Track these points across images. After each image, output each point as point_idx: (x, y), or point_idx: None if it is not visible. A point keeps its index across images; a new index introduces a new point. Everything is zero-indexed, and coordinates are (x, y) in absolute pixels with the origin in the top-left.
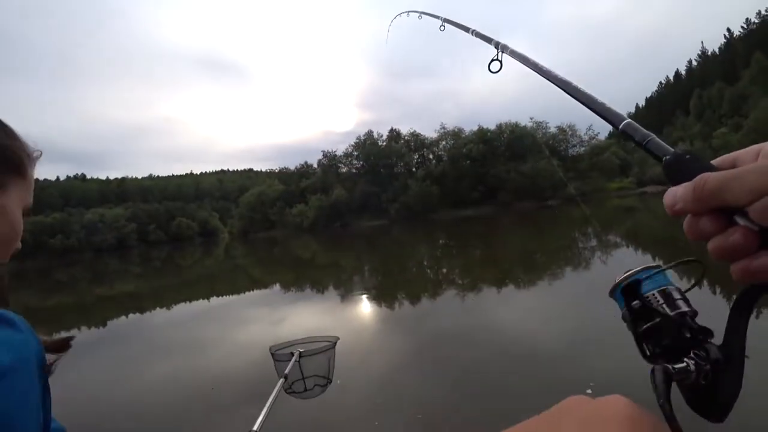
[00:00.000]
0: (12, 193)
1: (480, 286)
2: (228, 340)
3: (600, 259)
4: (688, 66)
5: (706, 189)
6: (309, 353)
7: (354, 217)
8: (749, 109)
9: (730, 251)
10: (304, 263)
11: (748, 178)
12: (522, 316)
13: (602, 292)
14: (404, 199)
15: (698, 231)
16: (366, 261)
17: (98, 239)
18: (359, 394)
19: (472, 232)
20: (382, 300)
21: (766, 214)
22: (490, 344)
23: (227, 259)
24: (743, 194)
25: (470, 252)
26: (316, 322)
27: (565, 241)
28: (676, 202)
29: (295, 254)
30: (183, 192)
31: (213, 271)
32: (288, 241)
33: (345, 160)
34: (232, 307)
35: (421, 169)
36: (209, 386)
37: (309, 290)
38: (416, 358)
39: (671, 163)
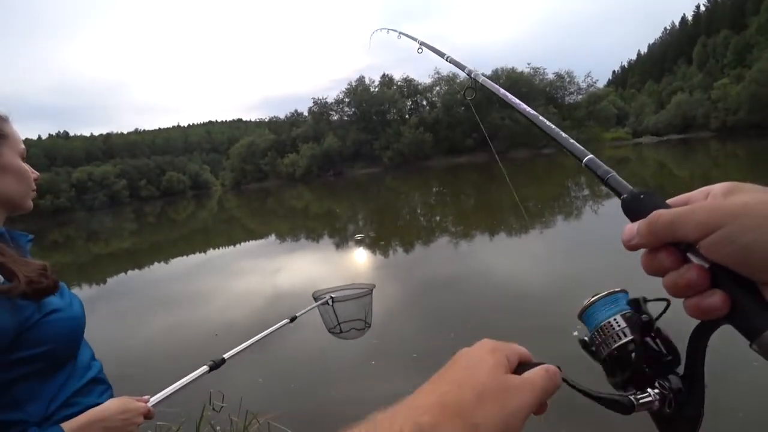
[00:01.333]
0: (5, 153)
1: (472, 233)
2: (227, 291)
3: (591, 209)
4: (695, 11)
5: (659, 224)
6: (342, 299)
7: (347, 165)
8: (753, 60)
9: (684, 288)
10: (298, 213)
11: (697, 214)
12: (513, 262)
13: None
14: (397, 146)
15: (654, 266)
16: (360, 209)
17: (89, 198)
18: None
19: (466, 179)
20: (376, 248)
21: (716, 248)
22: (482, 290)
23: (221, 211)
24: (693, 230)
25: (464, 200)
26: (312, 271)
27: (559, 190)
28: (633, 237)
29: (289, 204)
30: (171, 145)
31: (208, 224)
32: (281, 192)
33: (336, 108)
34: (229, 259)
35: (414, 115)
36: (212, 333)
37: (304, 240)
38: (410, 303)
39: (629, 201)
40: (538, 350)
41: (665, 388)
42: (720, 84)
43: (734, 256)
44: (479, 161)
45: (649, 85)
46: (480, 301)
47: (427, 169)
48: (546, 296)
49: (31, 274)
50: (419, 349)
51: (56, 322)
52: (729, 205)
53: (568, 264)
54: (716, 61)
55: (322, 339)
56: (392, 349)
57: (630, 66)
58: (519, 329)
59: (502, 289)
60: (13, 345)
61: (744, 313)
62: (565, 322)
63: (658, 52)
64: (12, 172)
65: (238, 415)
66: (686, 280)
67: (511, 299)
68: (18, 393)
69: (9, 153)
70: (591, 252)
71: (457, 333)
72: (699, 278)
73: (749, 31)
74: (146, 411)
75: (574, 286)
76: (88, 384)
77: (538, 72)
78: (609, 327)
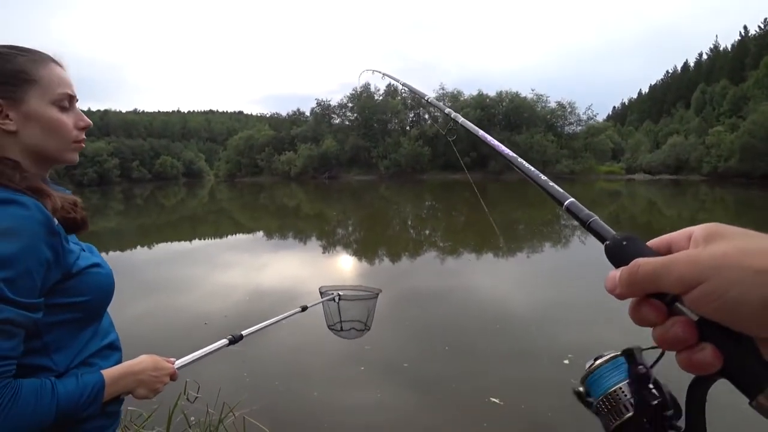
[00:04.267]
0: (32, 100)
1: (460, 250)
2: (209, 282)
3: (579, 239)
4: (697, 59)
5: (639, 275)
6: (349, 298)
7: (343, 169)
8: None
9: (672, 343)
10: (289, 212)
11: (676, 267)
12: (500, 282)
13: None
14: (395, 156)
15: (641, 319)
16: (351, 215)
17: (78, 173)
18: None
19: (459, 197)
20: (363, 255)
21: (701, 304)
22: (466, 305)
23: (212, 201)
24: (674, 283)
25: (455, 216)
26: (296, 271)
27: (549, 217)
28: (615, 287)
29: (281, 202)
30: (169, 130)
31: (197, 212)
32: (274, 189)
33: (339, 111)
34: (214, 250)
35: (415, 128)
36: (191, 321)
37: (292, 239)
38: (398, 312)
39: (611, 247)
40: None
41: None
42: (715, 131)
43: (721, 311)
44: (474, 180)
45: (647, 125)
46: (466, 318)
47: (421, 182)
48: (531, 318)
49: (64, 203)
50: (410, 358)
51: (98, 275)
52: (709, 256)
53: (553, 289)
54: (713, 109)
55: (314, 339)
56: (382, 356)
57: (630, 103)
58: (506, 351)
59: (488, 308)
60: (57, 289)
61: (739, 370)
62: (552, 344)
63: (659, 93)
64: (38, 121)
65: (215, 407)
66: (673, 335)
67: (495, 319)
68: (49, 339)
69: (36, 101)
70: (576, 278)
71: (451, 346)
72: (685, 333)
73: (747, 84)
74: (173, 372)
75: (560, 311)
76: (106, 347)
77: (541, 99)
78: (616, 396)
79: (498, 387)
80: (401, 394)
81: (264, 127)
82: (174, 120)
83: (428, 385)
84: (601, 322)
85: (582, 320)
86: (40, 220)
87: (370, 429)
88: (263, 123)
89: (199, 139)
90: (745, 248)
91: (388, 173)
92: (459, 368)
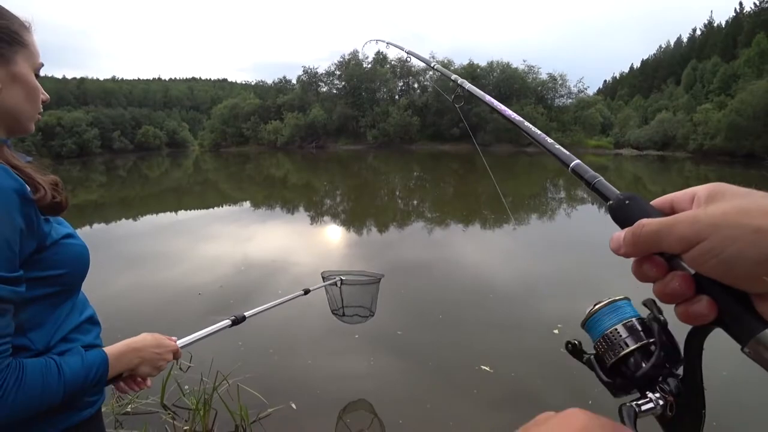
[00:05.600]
0: (20, 62)
1: (448, 221)
2: (195, 254)
3: (565, 212)
4: (691, 34)
5: (642, 236)
6: (350, 282)
7: (330, 139)
8: (737, 89)
9: (671, 296)
10: (276, 182)
11: (679, 228)
12: (491, 253)
13: (564, 242)
14: (383, 126)
15: (642, 274)
16: (339, 185)
17: (57, 144)
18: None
19: (447, 168)
20: (351, 226)
21: (699, 262)
22: (458, 275)
23: (197, 172)
24: (676, 243)
25: (443, 187)
26: (284, 242)
27: (537, 189)
28: (620, 247)
29: (268, 172)
30: (150, 98)
31: (182, 183)
32: (261, 159)
33: (326, 79)
34: (201, 222)
35: (404, 97)
36: (180, 294)
37: (279, 210)
38: (386, 282)
39: (615, 208)
40: (517, 343)
41: (665, 391)
42: (703, 108)
43: (718, 268)
44: (462, 151)
45: (637, 100)
46: (458, 288)
47: (410, 152)
48: (522, 289)
49: (48, 186)
50: (403, 326)
51: (72, 246)
52: (709, 216)
53: (539, 260)
54: (702, 86)
55: (309, 309)
56: (376, 325)
57: (621, 78)
58: (497, 320)
59: (479, 279)
60: (31, 261)
61: (732, 320)
62: (542, 315)
63: (650, 69)
64: (23, 84)
65: (208, 376)
66: (671, 289)
67: (488, 289)
68: (25, 317)
69: (24, 64)
70: (560, 250)
71: (444, 315)
72: (683, 287)
73: (738, 62)
74: (176, 349)
75: (549, 282)
76: (86, 322)
77: (532, 70)
78: (614, 335)
79: (488, 355)
80: (394, 361)
81: (249, 95)
82: (155, 88)
83: (420, 352)
84: (590, 294)
85: (571, 292)
86: (13, 187)
87: (363, 395)
88: (248, 91)
89: (182, 107)
90: (744, 207)
91: (377, 143)
92: (451, 336)
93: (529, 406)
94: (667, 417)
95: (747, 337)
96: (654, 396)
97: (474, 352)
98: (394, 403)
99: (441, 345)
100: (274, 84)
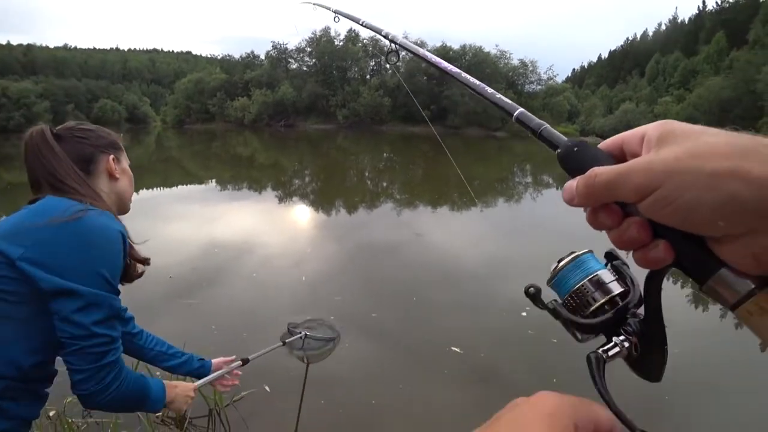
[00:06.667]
0: (123, 161)
1: (416, 202)
2: (157, 235)
3: (531, 196)
4: (656, 28)
5: (596, 185)
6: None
7: (299, 117)
8: (695, 85)
9: (628, 244)
10: (243, 161)
11: (633, 177)
12: (461, 235)
13: (530, 226)
14: (354, 106)
15: (597, 223)
16: (308, 165)
17: (3, 117)
18: (291, 290)
19: (417, 150)
20: (320, 206)
21: (653, 210)
22: (424, 259)
23: (159, 149)
24: (631, 193)
25: (412, 169)
26: (253, 223)
27: (505, 173)
28: (573, 198)
29: (234, 151)
30: (107, 70)
31: (143, 161)
32: (227, 137)
33: (296, 56)
34: (163, 201)
35: (375, 77)
36: (166, 276)
37: (246, 189)
38: (347, 265)
39: (564, 156)
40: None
41: (629, 333)
42: (663, 101)
43: (674, 216)
44: (433, 134)
45: (603, 89)
46: (429, 271)
47: (380, 133)
48: (491, 272)
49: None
50: (377, 308)
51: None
52: (663, 162)
53: (508, 243)
54: (664, 80)
55: (283, 290)
56: (351, 306)
57: (589, 67)
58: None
59: (446, 261)
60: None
61: (691, 261)
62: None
63: (617, 60)
64: (128, 175)
65: None
66: (628, 236)
67: (456, 272)
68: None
69: (125, 161)
70: (527, 233)
71: (418, 297)
72: (641, 234)
73: (698, 58)
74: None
75: (519, 265)
76: None
77: (504, 55)
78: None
79: (458, 337)
80: (367, 343)
81: (215, 69)
82: (113, 59)
83: (392, 334)
84: None
85: (538, 275)
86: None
87: (338, 376)
88: (214, 65)
89: (143, 81)
90: (696, 151)
91: (347, 123)
92: (422, 318)
93: (497, 385)
94: (633, 357)
95: (705, 278)
96: (619, 340)
97: (445, 334)
98: (366, 383)
99: (413, 327)
100: (242, 59)
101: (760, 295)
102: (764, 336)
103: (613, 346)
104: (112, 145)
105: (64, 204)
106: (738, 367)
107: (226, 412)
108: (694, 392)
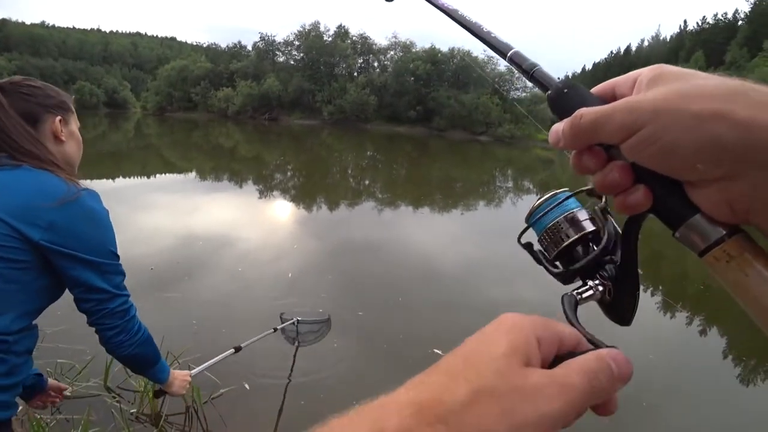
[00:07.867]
0: (71, 123)
1: (398, 202)
2: (134, 225)
3: (511, 201)
4: (639, 44)
5: (581, 127)
6: (306, 321)
7: (284, 111)
8: None
9: (609, 187)
10: (225, 152)
11: (617, 116)
12: (440, 238)
13: (510, 228)
14: (340, 102)
15: (581, 166)
16: (291, 160)
17: None
18: (268, 283)
19: (401, 150)
20: (300, 202)
21: (635, 150)
22: (405, 259)
23: (138, 136)
24: (615, 132)
25: (395, 169)
26: (234, 216)
27: (487, 177)
28: (558, 140)
29: (216, 142)
30: (87, 51)
31: (121, 148)
32: (210, 127)
33: (284, 49)
34: (141, 190)
35: (363, 75)
36: (147, 268)
37: (227, 182)
38: (325, 262)
39: (553, 98)
40: (467, 325)
41: (605, 278)
42: None
43: (654, 157)
44: (417, 135)
45: None
46: (406, 271)
47: (365, 131)
48: (470, 275)
49: None
50: (361, 309)
51: None
52: (649, 101)
53: (486, 245)
54: None
55: (267, 284)
56: (332, 309)
57: (573, 77)
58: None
59: (428, 262)
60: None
61: (666, 207)
62: (493, 299)
63: (601, 72)
64: (76, 139)
65: None
66: (610, 180)
67: (437, 273)
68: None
69: (74, 124)
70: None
71: (404, 297)
72: (622, 178)
73: None
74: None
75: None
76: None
77: (491, 61)
78: (557, 228)
79: (440, 338)
80: (348, 344)
81: (200, 57)
82: (93, 40)
83: (374, 335)
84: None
85: (520, 278)
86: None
87: (318, 377)
88: (199, 53)
89: (124, 64)
90: (684, 91)
91: (332, 119)
92: (404, 319)
93: None
94: (606, 300)
95: (678, 223)
96: (594, 283)
97: (426, 335)
98: (348, 384)
99: (395, 328)
100: (228, 48)
101: (728, 242)
102: (729, 283)
103: (587, 289)
104: (60, 105)
105: (54, 181)
106: (702, 373)
107: (204, 409)
108: (666, 396)
